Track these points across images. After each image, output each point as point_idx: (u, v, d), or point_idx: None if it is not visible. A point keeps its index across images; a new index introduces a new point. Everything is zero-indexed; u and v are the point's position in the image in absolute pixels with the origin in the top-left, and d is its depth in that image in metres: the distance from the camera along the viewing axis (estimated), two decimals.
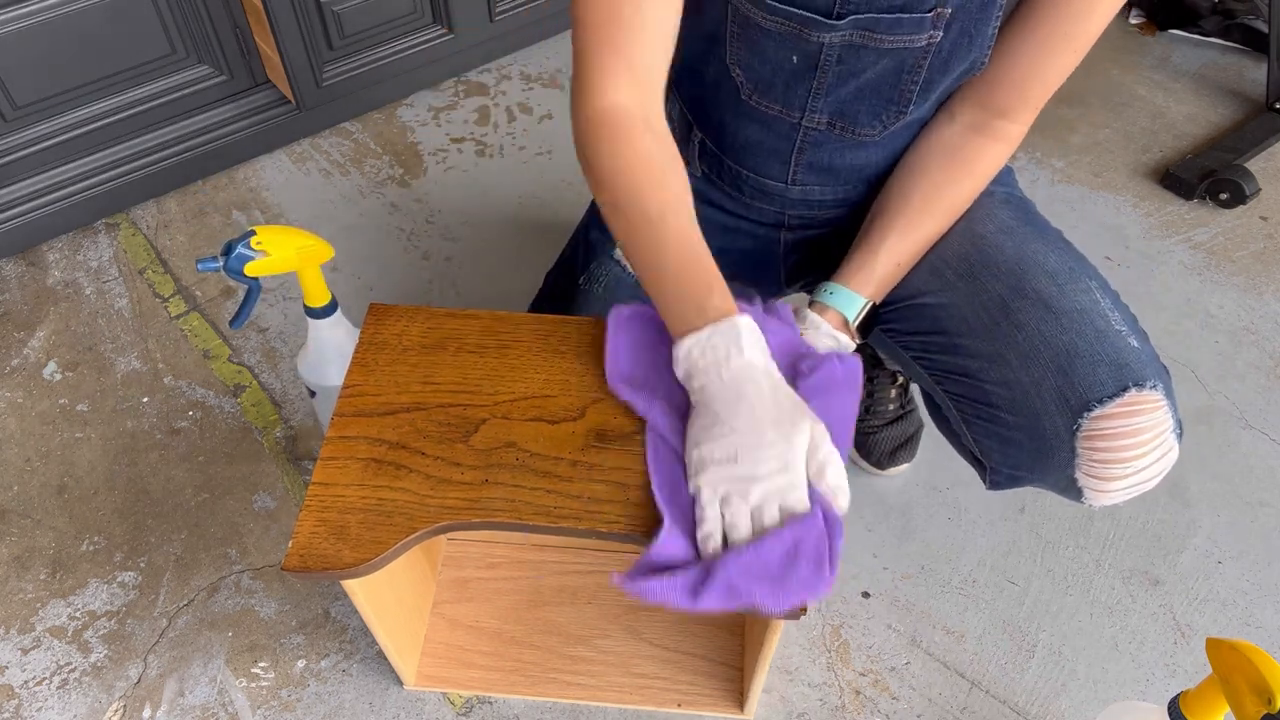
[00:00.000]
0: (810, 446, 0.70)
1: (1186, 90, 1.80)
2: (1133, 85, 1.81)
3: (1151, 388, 0.76)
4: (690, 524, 0.71)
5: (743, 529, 0.68)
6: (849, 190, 0.91)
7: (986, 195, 0.89)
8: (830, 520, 0.69)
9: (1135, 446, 0.76)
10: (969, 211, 0.88)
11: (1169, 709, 0.78)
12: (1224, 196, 1.55)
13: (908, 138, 0.87)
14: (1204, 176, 1.56)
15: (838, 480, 0.70)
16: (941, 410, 0.91)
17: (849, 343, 0.85)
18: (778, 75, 0.81)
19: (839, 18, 0.74)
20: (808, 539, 0.67)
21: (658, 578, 0.68)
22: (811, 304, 0.87)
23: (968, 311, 0.83)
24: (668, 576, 0.68)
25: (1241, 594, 1.13)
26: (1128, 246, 1.51)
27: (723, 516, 0.69)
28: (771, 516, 0.68)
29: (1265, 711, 0.67)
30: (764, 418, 0.69)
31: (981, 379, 0.82)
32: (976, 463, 0.90)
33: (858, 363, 0.80)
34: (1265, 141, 1.65)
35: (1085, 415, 0.76)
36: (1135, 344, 0.78)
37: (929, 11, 0.73)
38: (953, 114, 0.85)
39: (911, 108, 0.81)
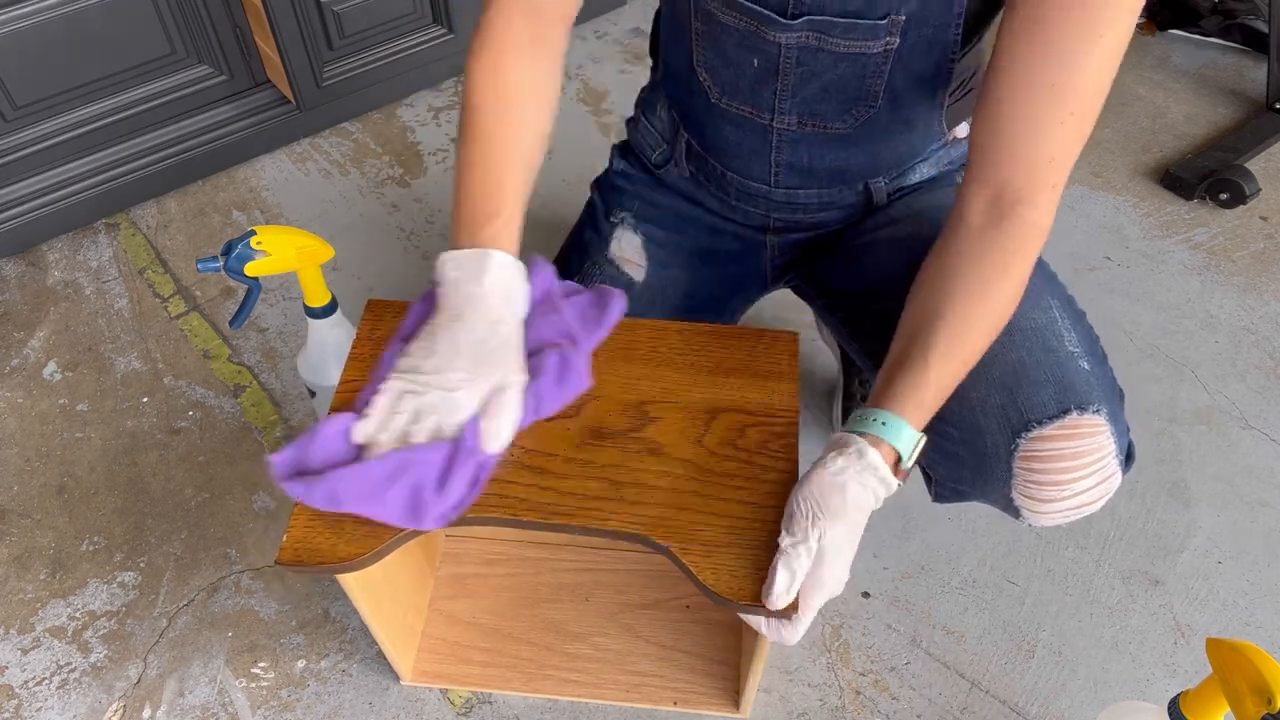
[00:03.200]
0: (494, 388, 0.71)
1: (1186, 90, 1.80)
2: (1133, 85, 1.81)
3: (1095, 412, 0.75)
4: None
5: (392, 432, 0.71)
6: (833, 193, 0.91)
7: None
8: (464, 451, 0.70)
9: (1072, 470, 0.75)
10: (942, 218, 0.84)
11: (1169, 709, 0.78)
12: (1224, 196, 1.55)
13: (885, 140, 0.86)
14: (1204, 176, 1.56)
15: (499, 425, 0.71)
16: None
17: (895, 484, 0.71)
18: (741, 78, 0.82)
19: (793, 17, 0.74)
20: (424, 464, 0.69)
21: (300, 478, 0.71)
22: (857, 432, 0.71)
23: None
24: (301, 479, 0.71)
25: (1241, 594, 1.12)
26: (1128, 246, 1.50)
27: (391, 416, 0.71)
28: (420, 433, 0.70)
29: (1265, 711, 0.67)
30: (464, 349, 0.71)
31: None
32: (924, 473, 0.90)
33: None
34: (1265, 141, 1.65)
35: (1024, 435, 0.76)
36: (1086, 366, 0.77)
37: (882, 18, 0.73)
38: (965, 218, 0.74)
39: (880, 103, 0.81)
